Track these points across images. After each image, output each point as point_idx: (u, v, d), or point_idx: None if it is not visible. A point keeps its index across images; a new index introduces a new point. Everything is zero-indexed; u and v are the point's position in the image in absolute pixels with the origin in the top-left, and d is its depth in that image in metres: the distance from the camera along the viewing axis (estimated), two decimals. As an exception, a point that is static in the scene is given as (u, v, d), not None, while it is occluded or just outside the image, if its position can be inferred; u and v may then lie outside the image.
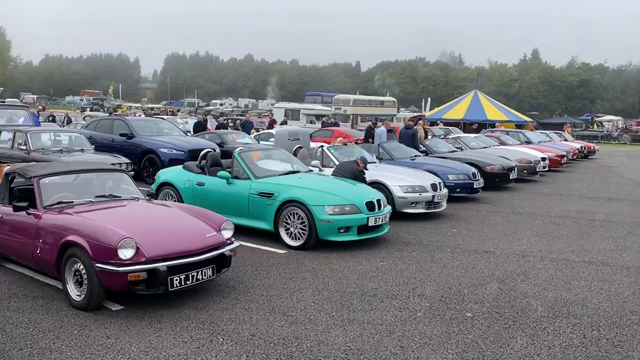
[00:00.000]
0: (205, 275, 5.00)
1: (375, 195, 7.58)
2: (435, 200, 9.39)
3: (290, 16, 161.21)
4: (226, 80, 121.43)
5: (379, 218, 7.30)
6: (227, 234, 5.41)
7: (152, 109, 62.66)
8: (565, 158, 19.30)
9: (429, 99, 60.74)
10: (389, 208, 7.81)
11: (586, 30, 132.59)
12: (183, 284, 4.82)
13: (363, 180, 8.82)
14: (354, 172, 8.81)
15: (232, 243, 5.38)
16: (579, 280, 6.04)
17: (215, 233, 5.28)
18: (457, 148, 15.79)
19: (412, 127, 13.90)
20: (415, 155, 12.46)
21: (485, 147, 16.61)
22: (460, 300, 5.27)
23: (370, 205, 7.23)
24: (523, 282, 5.89)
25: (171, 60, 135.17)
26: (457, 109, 37.83)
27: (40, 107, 32.24)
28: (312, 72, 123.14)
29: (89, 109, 54.44)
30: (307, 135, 11.79)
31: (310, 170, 8.47)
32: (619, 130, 49.31)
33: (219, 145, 15.35)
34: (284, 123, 27.58)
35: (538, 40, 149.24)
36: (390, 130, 15.21)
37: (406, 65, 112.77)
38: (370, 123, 19.06)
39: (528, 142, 21.23)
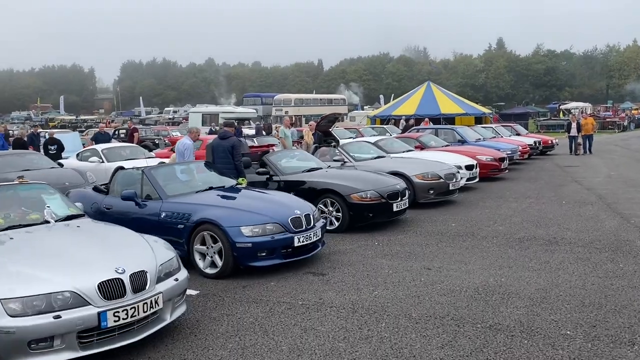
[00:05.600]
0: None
1: None
2: (108, 325, 3.86)
3: (250, 17, 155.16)
4: (184, 86, 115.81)
5: None
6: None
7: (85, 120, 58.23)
8: (505, 162, 14.11)
9: (383, 96, 56.12)
10: None
11: (550, 16, 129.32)
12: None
13: None
14: None
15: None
16: None
17: None
18: (336, 161, 10.65)
19: (230, 135, 8.48)
20: (212, 187, 7.06)
21: (379, 157, 11.33)
22: None
23: None
24: None
25: (127, 69, 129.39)
26: (409, 104, 33.41)
27: None
28: (274, 74, 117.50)
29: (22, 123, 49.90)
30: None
31: None
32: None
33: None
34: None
35: (502, 30, 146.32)
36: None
37: (369, 62, 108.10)
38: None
39: (462, 142, 16.11)
